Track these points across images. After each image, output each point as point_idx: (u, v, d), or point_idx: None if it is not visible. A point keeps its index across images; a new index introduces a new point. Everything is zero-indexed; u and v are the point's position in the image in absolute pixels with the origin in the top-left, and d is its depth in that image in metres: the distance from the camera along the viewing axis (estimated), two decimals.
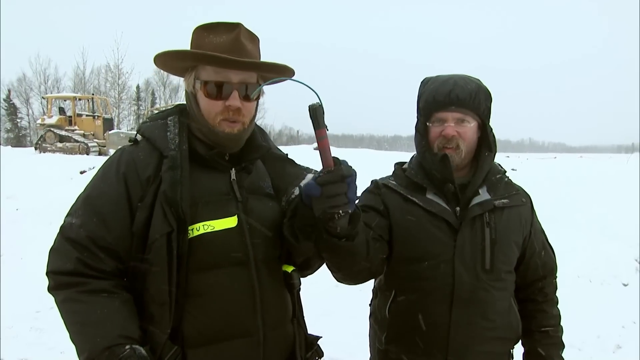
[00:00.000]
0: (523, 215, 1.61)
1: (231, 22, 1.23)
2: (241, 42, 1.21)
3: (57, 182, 10.03)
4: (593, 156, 30.84)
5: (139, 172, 1.19)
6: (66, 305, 1.15)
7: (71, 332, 1.14)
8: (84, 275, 1.14)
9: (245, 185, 1.29)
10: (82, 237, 1.15)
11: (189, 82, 1.26)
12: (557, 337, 1.64)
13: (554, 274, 1.68)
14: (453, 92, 1.50)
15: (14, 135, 49.07)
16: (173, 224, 1.13)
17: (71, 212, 1.21)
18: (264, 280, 1.25)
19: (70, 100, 23.85)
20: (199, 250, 1.18)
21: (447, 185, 1.55)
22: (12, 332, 4.02)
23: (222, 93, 1.21)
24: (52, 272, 1.17)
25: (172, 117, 1.29)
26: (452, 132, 1.52)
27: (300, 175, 1.37)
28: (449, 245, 1.52)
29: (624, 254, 5.91)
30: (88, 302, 1.12)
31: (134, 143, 1.28)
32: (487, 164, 1.58)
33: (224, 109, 1.22)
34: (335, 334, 3.89)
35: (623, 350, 3.94)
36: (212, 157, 1.25)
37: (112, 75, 39.22)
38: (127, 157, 1.23)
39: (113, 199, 1.18)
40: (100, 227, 1.16)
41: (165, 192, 1.14)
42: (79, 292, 1.13)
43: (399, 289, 1.60)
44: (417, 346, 1.55)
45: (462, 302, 1.50)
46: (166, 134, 1.24)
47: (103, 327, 1.10)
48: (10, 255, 6.01)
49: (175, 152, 1.20)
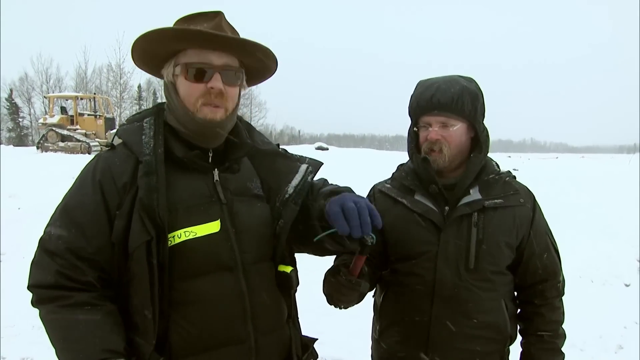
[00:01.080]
0: (519, 216, 1.59)
1: (212, 11, 1.20)
2: (222, 28, 1.18)
3: (58, 182, 10.02)
4: (595, 156, 30.79)
5: (115, 180, 1.15)
6: (49, 321, 1.12)
7: (56, 348, 1.11)
8: (65, 288, 1.10)
9: (230, 186, 1.24)
10: (62, 249, 1.11)
11: (167, 71, 1.22)
12: (554, 343, 1.61)
13: (557, 277, 1.63)
14: (435, 96, 1.54)
15: (15, 135, 49.13)
16: (152, 232, 1.09)
17: (50, 222, 1.17)
18: (254, 284, 1.21)
19: (72, 99, 23.89)
20: (182, 257, 1.14)
21: (431, 186, 1.59)
22: (14, 331, 4.02)
23: (204, 76, 1.17)
24: (33, 285, 1.13)
25: (149, 119, 1.24)
26: (435, 136, 1.56)
27: (292, 168, 1.33)
28: (433, 243, 1.57)
29: (626, 254, 5.90)
30: (69, 317, 1.09)
31: (110, 148, 1.23)
32: (475, 164, 1.60)
33: (206, 91, 1.17)
34: (336, 334, 3.90)
35: (625, 350, 3.93)
36: (191, 159, 1.20)
37: (113, 75, 39.33)
38: (102, 164, 1.18)
39: (90, 208, 1.13)
40: (79, 238, 1.11)
41: (142, 200, 1.10)
42: (61, 307, 1.09)
43: (390, 283, 1.68)
44: (401, 339, 1.64)
45: (443, 299, 1.55)
46: (141, 138, 1.19)
47: (86, 343, 1.06)
48: (11, 254, 6.02)
49: (150, 156, 1.14)
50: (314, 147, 18.89)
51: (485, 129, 1.62)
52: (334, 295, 1.37)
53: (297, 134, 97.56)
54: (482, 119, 1.61)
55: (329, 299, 1.45)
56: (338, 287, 1.31)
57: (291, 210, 1.27)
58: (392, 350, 1.67)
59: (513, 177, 1.68)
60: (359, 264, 1.26)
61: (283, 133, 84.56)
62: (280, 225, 1.27)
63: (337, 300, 1.39)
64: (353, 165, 11.47)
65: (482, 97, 1.60)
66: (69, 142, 20.79)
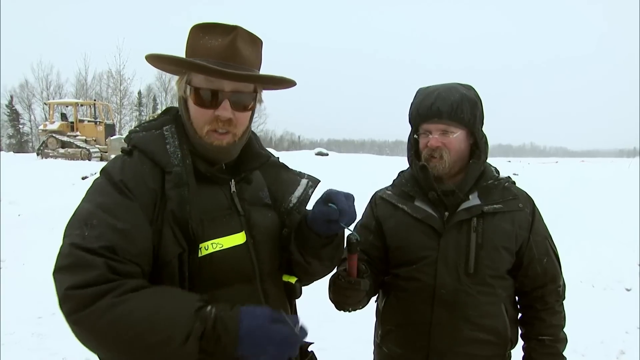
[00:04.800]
0: (518, 221, 1.60)
1: (229, 25, 1.16)
2: (237, 47, 1.13)
3: (59, 188, 10.06)
4: (595, 160, 30.82)
5: (147, 185, 1.09)
6: (114, 316, 0.94)
7: (144, 332, 0.94)
8: (115, 280, 0.97)
9: (246, 197, 1.24)
10: (106, 246, 0.99)
11: (180, 86, 1.17)
12: (555, 348, 1.62)
13: (557, 282, 1.64)
14: (434, 105, 1.57)
15: (16, 141, 49.21)
16: (183, 244, 1.07)
17: (78, 225, 1.03)
18: (270, 293, 1.22)
19: (72, 106, 23.96)
20: (208, 269, 1.12)
21: (430, 192, 1.62)
22: (14, 338, 4.01)
23: (213, 102, 1.13)
24: (75, 287, 0.94)
25: (169, 127, 1.18)
26: (436, 143, 1.58)
27: (295, 181, 1.34)
28: (433, 249, 1.59)
29: (627, 259, 5.90)
30: (139, 296, 0.96)
31: (127, 154, 1.15)
32: (474, 170, 1.62)
33: (214, 118, 1.13)
34: (337, 340, 3.89)
35: (627, 355, 3.92)
36: (213, 173, 1.18)
37: (113, 81, 39.48)
38: (130, 169, 1.11)
39: (131, 210, 1.05)
40: (124, 239, 1.02)
41: (174, 212, 1.07)
42: (119, 295, 0.95)
43: (391, 288, 1.70)
44: (403, 343, 1.66)
45: (443, 303, 1.56)
46: (165, 147, 1.14)
47: (173, 303, 0.97)
48: (12, 261, 6.02)
49: (180, 167, 1.11)
50: (314, 152, 18.84)
51: (484, 135, 1.65)
52: (340, 299, 1.41)
53: (297, 139, 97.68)
54: (481, 126, 1.64)
55: (336, 305, 1.48)
56: (341, 290, 1.36)
57: (295, 219, 1.28)
58: (393, 354, 1.68)
59: (512, 182, 1.69)
60: (353, 264, 1.31)
61: (283, 139, 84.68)
62: (285, 234, 1.28)
63: (344, 304, 1.43)
64: (353, 171, 11.49)
65: (481, 104, 1.63)
66: (69, 149, 20.82)
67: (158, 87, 50.05)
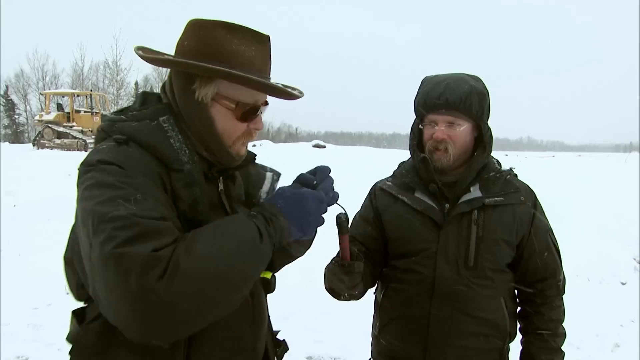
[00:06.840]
0: (519, 214, 1.59)
1: (259, 32, 1.10)
2: (271, 60, 1.12)
3: (55, 179, 10.01)
4: (591, 155, 30.93)
5: (162, 176, 1.01)
6: (196, 253, 0.87)
7: (231, 249, 0.91)
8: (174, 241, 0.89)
9: (232, 195, 1.22)
10: (162, 217, 0.92)
11: (203, 90, 1.06)
12: (553, 342, 1.61)
13: (557, 276, 1.63)
14: (443, 95, 1.52)
15: (11, 132, 48.94)
16: None
17: (121, 204, 0.89)
18: (254, 291, 1.21)
19: (69, 96, 23.87)
20: None
21: (431, 185, 1.60)
22: (10, 329, 4.00)
23: (253, 116, 1.12)
24: (159, 249, 0.84)
25: (166, 119, 1.07)
26: (442, 135, 1.55)
27: (262, 175, 1.31)
28: (433, 241, 1.58)
29: (623, 253, 5.92)
30: (199, 232, 0.91)
31: (123, 143, 1.01)
32: (477, 163, 1.60)
33: (247, 131, 1.12)
34: (334, 332, 3.89)
35: (622, 349, 3.94)
36: (212, 172, 1.15)
37: (110, 72, 39.29)
38: (137, 157, 1.00)
39: (159, 190, 0.98)
40: (169, 210, 0.96)
41: (186, 213, 1.03)
42: (187, 240, 0.89)
43: (390, 279, 1.68)
44: (401, 335, 1.65)
45: (442, 296, 1.55)
46: (169, 142, 1.05)
47: (229, 220, 0.97)
48: (8, 252, 5.99)
49: (191, 165, 1.05)
50: (311, 144, 18.82)
51: (489, 129, 1.62)
52: (335, 285, 1.40)
53: (294, 131, 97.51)
54: (487, 119, 1.61)
55: (332, 293, 1.48)
56: (335, 275, 1.37)
57: None
58: (391, 346, 1.68)
59: (514, 175, 1.67)
60: (345, 245, 1.31)
61: (280, 131, 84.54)
62: None
63: (339, 290, 1.42)
64: (350, 163, 11.48)
65: (489, 96, 1.60)
66: (65, 139, 20.77)
67: (155, 77, 49.64)
